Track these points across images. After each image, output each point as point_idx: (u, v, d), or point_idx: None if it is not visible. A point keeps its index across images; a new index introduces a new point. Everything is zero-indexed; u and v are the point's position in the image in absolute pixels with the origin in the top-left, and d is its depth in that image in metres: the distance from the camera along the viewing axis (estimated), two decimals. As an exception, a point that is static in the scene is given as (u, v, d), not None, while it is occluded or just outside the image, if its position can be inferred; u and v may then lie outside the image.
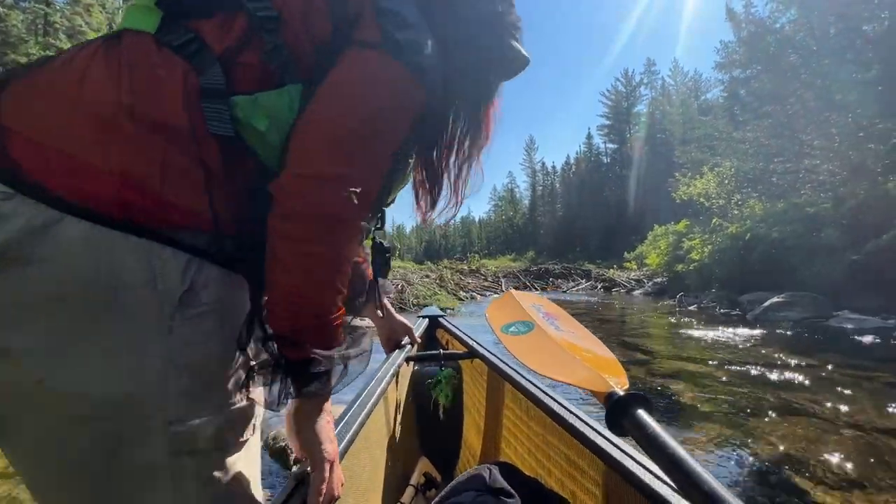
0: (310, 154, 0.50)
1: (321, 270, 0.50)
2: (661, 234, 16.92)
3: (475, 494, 0.64)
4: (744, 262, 10.03)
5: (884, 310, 6.67)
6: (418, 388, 1.42)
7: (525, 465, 1.05)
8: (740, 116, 14.60)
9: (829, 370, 3.79)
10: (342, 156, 0.50)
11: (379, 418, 1.10)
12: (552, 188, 57.20)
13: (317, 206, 0.49)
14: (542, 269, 22.43)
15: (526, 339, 0.90)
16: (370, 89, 0.52)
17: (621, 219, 39.70)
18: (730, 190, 13.37)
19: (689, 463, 0.51)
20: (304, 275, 0.50)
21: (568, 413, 0.83)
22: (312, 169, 0.49)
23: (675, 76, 43.06)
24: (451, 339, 1.65)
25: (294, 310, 0.50)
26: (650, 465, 0.61)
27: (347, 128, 0.50)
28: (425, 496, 1.23)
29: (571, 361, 0.76)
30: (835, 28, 12.89)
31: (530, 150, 61.97)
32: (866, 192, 8.40)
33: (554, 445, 0.94)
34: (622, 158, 45.73)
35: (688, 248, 12.96)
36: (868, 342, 5.09)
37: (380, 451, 1.10)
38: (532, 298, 1.13)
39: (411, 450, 1.41)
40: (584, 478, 0.81)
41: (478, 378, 1.47)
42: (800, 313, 6.96)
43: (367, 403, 0.89)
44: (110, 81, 0.44)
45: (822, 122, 11.82)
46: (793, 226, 9.11)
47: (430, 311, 1.84)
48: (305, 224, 0.49)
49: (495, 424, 1.29)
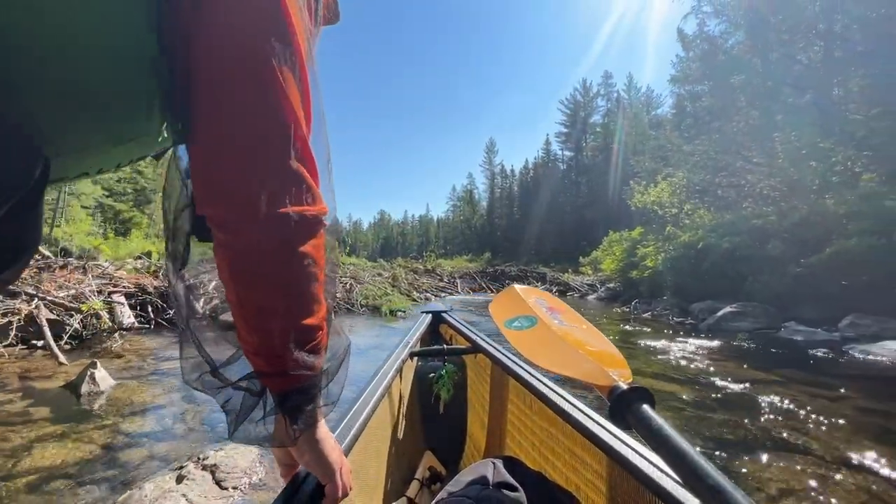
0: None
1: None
2: (617, 241, 17.29)
3: (480, 488, 0.64)
4: (696, 270, 10.23)
5: (825, 321, 6.89)
6: (422, 384, 1.44)
7: (529, 459, 1.05)
8: (691, 130, 15.21)
9: (795, 388, 3.62)
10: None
11: (383, 413, 1.09)
12: (510, 191, 58.10)
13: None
14: (499, 270, 22.29)
15: (529, 334, 0.92)
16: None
17: (576, 224, 40.94)
18: (682, 199, 13.78)
19: (692, 456, 0.51)
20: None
21: (572, 407, 0.83)
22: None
23: (629, 91, 45.08)
24: (455, 334, 1.64)
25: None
26: (654, 458, 0.61)
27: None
28: (430, 490, 1.23)
29: (574, 355, 0.77)
30: (776, 53, 13.74)
31: (490, 153, 62.63)
32: (809, 208, 8.76)
33: (558, 439, 0.93)
34: (578, 165, 47.24)
35: (642, 255, 13.19)
36: (822, 355, 5.09)
37: (385, 446, 1.10)
38: (535, 293, 1.14)
39: (416, 444, 1.43)
40: (589, 471, 0.81)
41: (481, 372, 1.47)
42: (752, 324, 7.02)
43: (372, 399, 0.88)
44: None
45: (766, 140, 12.48)
46: (741, 237, 9.37)
47: (434, 307, 1.83)
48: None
49: (499, 418, 1.29)
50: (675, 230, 12.31)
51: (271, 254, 0.42)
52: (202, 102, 0.40)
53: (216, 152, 0.40)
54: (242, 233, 0.41)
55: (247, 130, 0.40)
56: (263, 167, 0.40)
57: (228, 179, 0.40)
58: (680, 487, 0.54)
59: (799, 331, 6.32)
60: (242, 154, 0.40)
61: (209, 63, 0.39)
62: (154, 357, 4.34)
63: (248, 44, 0.39)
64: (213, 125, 0.40)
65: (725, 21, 14.70)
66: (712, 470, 0.48)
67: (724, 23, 14.81)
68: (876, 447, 2.39)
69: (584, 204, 42.23)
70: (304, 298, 0.45)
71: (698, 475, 0.49)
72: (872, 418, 2.89)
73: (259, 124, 0.40)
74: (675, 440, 0.54)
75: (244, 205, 0.40)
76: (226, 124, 0.40)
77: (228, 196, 0.40)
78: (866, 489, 1.97)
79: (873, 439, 2.50)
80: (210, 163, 0.41)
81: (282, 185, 0.41)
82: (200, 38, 0.39)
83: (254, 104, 0.40)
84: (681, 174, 14.30)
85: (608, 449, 0.69)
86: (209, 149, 0.41)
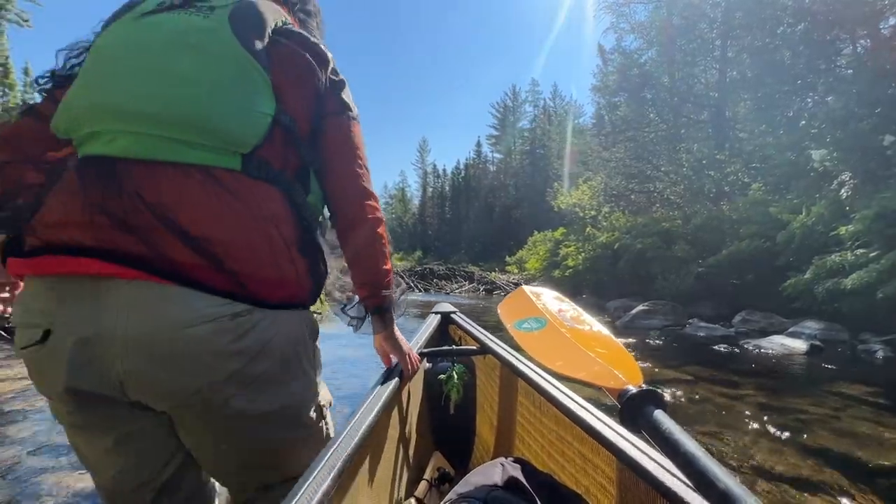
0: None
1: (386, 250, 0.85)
2: (541, 241, 17.83)
3: (489, 489, 0.65)
4: (612, 270, 10.70)
5: (722, 318, 7.45)
6: (431, 384, 1.45)
7: (538, 461, 1.05)
8: (609, 138, 16.16)
9: (703, 386, 3.66)
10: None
11: (393, 414, 1.08)
12: (442, 190, 58.30)
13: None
14: (427, 269, 21.96)
15: (539, 336, 0.94)
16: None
17: (505, 224, 42.13)
18: (600, 202, 14.51)
19: (704, 460, 0.51)
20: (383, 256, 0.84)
21: (582, 409, 0.82)
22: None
23: (554, 99, 47.59)
24: (464, 334, 1.64)
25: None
26: (665, 461, 0.61)
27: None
28: (439, 490, 1.24)
29: (584, 358, 0.79)
30: (679, 73, 15.09)
31: (423, 152, 62.35)
32: (708, 213, 9.53)
33: (567, 441, 0.94)
34: (507, 168, 48.76)
35: (564, 255, 13.63)
36: (722, 350, 5.35)
37: (393, 446, 1.09)
38: (545, 294, 1.15)
39: (425, 444, 1.43)
40: (598, 474, 0.82)
41: (490, 373, 1.45)
42: (661, 321, 7.36)
43: (381, 399, 0.87)
44: (272, 222, 0.65)
45: (672, 151, 13.58)
46: (652, 238, 9.94)
47: (443, 308, 1.81)
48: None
49: (508, 420, 1.28)
50: (594, 231, 12.87)
51: (380, 231, 0.81)
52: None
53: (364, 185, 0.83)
54: (371, 221, 0.79)
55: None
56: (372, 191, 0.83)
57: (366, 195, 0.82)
58: (691, 492, 0.54)
59: (701, 327, 6.71)
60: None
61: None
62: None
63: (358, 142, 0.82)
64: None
65: (640, 38, 15.83)
66: (724, 474, 0.48)
67: (639, 40, 15.97)
68: (771, 443, 2.39)
69: (512, 205, 43.68)
70: (386, 255, 0.82)
71: (710, 479, 0.48)
72: (768, 412, 2.92)
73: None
74: (686, 444, 0.54)
75: (374, 208, 0.81)
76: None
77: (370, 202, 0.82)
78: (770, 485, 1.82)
79: (769, 435, 2.50)
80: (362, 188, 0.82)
81: (376, 198, 0.82)
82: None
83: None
84: (599, 178, 15.08)
85: (618, 452, 0.67)
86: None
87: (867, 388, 3.57)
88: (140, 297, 0.56)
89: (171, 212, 0.57)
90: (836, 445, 2.38)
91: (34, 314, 0.58)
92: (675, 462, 0.56)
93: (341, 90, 0.79)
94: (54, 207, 0.58)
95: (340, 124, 0.78)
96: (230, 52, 0.64)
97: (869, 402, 3.22)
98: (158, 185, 0.58)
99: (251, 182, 0.64)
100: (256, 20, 0.69)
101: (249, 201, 0.63)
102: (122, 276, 0.55)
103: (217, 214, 0.60)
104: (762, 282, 7.48)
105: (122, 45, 0.65)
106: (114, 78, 0.61)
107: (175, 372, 0.58)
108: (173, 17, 0.66)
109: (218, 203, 0.60)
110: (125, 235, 0.55)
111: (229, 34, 0.65)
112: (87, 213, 0.55)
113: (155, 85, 0.60)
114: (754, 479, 1.99)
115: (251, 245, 0.62)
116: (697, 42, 14.13)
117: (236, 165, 0.63)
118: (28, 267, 0.58)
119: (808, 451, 2.30)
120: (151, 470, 0.67)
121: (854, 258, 5.85)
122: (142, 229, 0.56)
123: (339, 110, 0.78)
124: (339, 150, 0.78)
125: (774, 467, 2.12)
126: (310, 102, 0.74)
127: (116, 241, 0.55)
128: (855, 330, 5.81)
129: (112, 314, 0.55)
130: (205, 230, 0.58)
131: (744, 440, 2.46)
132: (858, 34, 9.05)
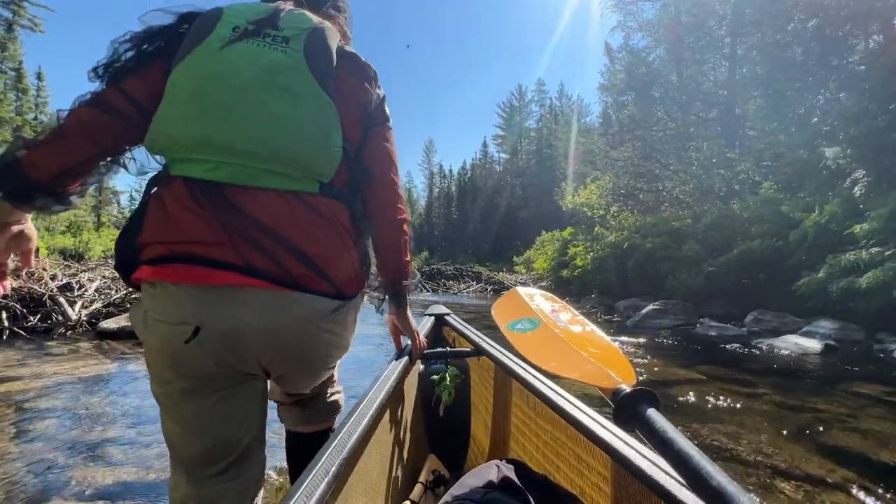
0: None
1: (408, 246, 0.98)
2: (549, 240, 17.78)
3: (484, 491, 0.64)
4: (621, 269, 10.65)
5: (733, 317, 7.39)
6: (425, 386, 1.45)
7: (533, 462, 1.05)
8: (616, 137, 16.07)
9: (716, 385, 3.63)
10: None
11: (386, 417, 1.08)
12: (448, 191, 58.31)
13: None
14: (435, 269, 21.99)
15: (532, 336, 0.95)
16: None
17: (512, 224, 42.02)
18: (608, 202, 14.43)
19: (697, 458, 0.51)
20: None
21: (576, 409, 0.82)
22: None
23: (561, 98, 47.36)
24: (458, 336, 1.64)
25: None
26: (659, 460, 0.60)
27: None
28: (434, 493, 1.24)
29: (578, 358, 0.79)
30: (688, 71, 14.96)
31: (429, 153, 62.49)
32: (718, 212, 9.45)
33: (562, 442, 0.94)
34: (513, 168, 48.62)
35: (572, 255, 13.59)
36: (734, 350, 5.32)
37: (388, 450, 1.09)
38: (538, 295, 1.18)
39: (420, 447, 1.43)
40: (593, 474, 0.81)
41: (485, 375, 1.46)
42: (672, 321, 7.31)
43: (375, 401, 0.88)
44: (346, 233, 0.80)
45: (681, 149, 13.47)
46: (661, 238, 9.88)
47: (436, 310, 1.80)
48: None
49: (503, 421, 1.29)
50: (603, 231, 12.82)
51: (405, 229, 0.93)
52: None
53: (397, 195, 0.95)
54: (400, 222, 0.92)
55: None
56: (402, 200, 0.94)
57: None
58: (685, 490, 0.54)
59: (713, 326, 6.66)
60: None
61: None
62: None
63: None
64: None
65: (648, 36, 15.73)
66: (717, 472, 0.48)
67: (647, 38, 15.86)
68: (788, 443, 2.37)
69: (519, 205, 43.55)
70: (408, 250, 0.95)
71: (703, 477, 0.48)
72: (784, 412, 2.92)
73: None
74: (679, 442, 0.54)
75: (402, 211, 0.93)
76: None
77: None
78: (783, 484, 1.82)
79: (786, 435, 2.48)
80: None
81: (404, 200, 0.93)
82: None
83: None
84: (608, 177, 14.99)
85: (613, 451, 0.67)
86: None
87: (884, 388, 3.54)
88: (271, 301, 0.72)
89: (283, 232, 0.71)
90: (854, 445, 2.37)
91: (184, 315, 0.70)
92: (668, 460, 0.56)
93: (384, 102, 0.90)
94: (184, 224, 0.69)
95: (382, 135, 0.89)
96: (312, 93, 0.75)
97: (886, 401, 3.20)
98: (266, 209, 0.71)
99: (328, 201, 0.77)
100: (326, 55, 0.79)
101: (331, 219, 0.77)
102: (256, 286, 0.70)
103: (313, 233, 0.74)
104: (774, 281, 7.41)
105: (216, 79, 0.72)
106: (217, 117, 0.71)
107: (297, 349, 0.78)
108: (254, 49, 0.75)
109: (312, 223, 0.74)
110: (255, 253, 0.70)
111: (308, 75, 0.76)
112: (224, 234, 0.69)
113: (256, 127, 0.71)
114: (771, 478, 1.99)
115: (338, 255, 0.78)
116: (706, 40, 14.02)
117: (316, 189, 0.77)
118: (167, 275, 0.70)
119: (825, 451, 2.29)
120: (237, 431, 0.80)
121: (869, 257, 5.79)
122: (267, 249, 0.70)
123: (382, 122, 0.89)
124: (381, 159, 0.89)
125: (791, 466, 2.12)
126: (362, 125, 0.86)
127: (248, 257, 0.69)
128: (870, 329, 5.74)
129: (250, 313, 0.71)
130: (309, 247, 0.73)
131: (760, 439, 2.45)
132: (871, 29, 8.93)
